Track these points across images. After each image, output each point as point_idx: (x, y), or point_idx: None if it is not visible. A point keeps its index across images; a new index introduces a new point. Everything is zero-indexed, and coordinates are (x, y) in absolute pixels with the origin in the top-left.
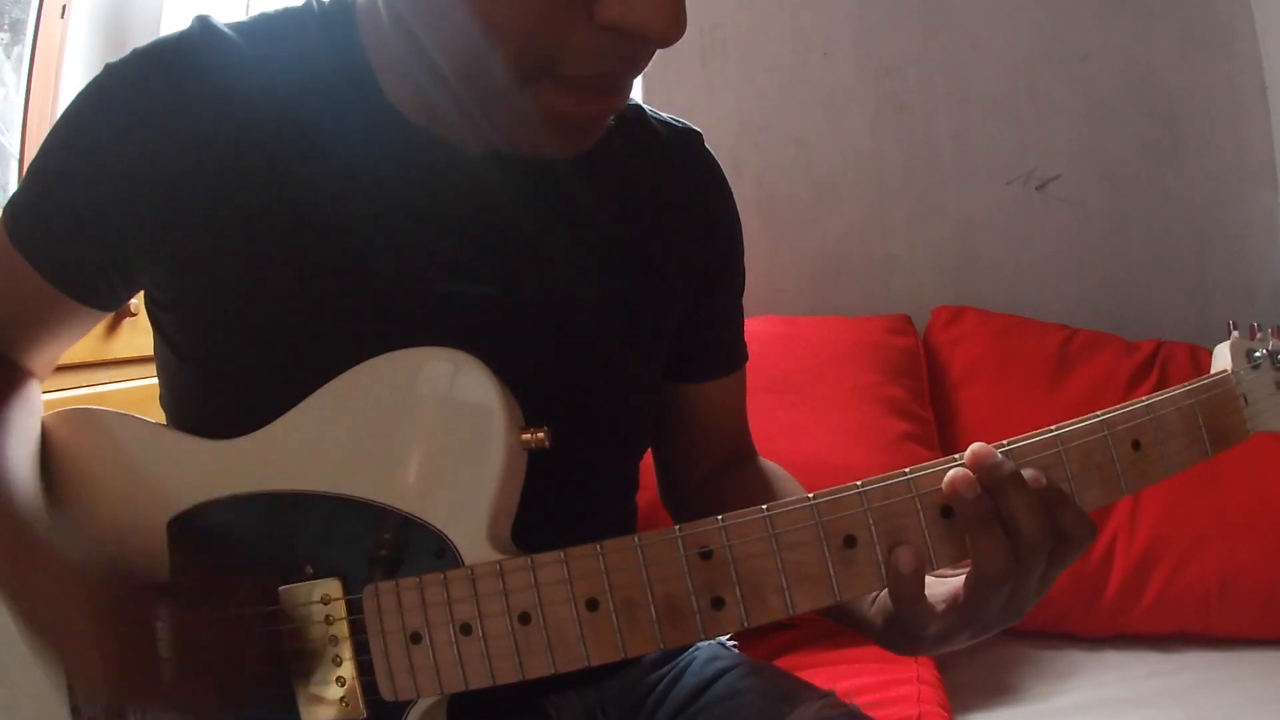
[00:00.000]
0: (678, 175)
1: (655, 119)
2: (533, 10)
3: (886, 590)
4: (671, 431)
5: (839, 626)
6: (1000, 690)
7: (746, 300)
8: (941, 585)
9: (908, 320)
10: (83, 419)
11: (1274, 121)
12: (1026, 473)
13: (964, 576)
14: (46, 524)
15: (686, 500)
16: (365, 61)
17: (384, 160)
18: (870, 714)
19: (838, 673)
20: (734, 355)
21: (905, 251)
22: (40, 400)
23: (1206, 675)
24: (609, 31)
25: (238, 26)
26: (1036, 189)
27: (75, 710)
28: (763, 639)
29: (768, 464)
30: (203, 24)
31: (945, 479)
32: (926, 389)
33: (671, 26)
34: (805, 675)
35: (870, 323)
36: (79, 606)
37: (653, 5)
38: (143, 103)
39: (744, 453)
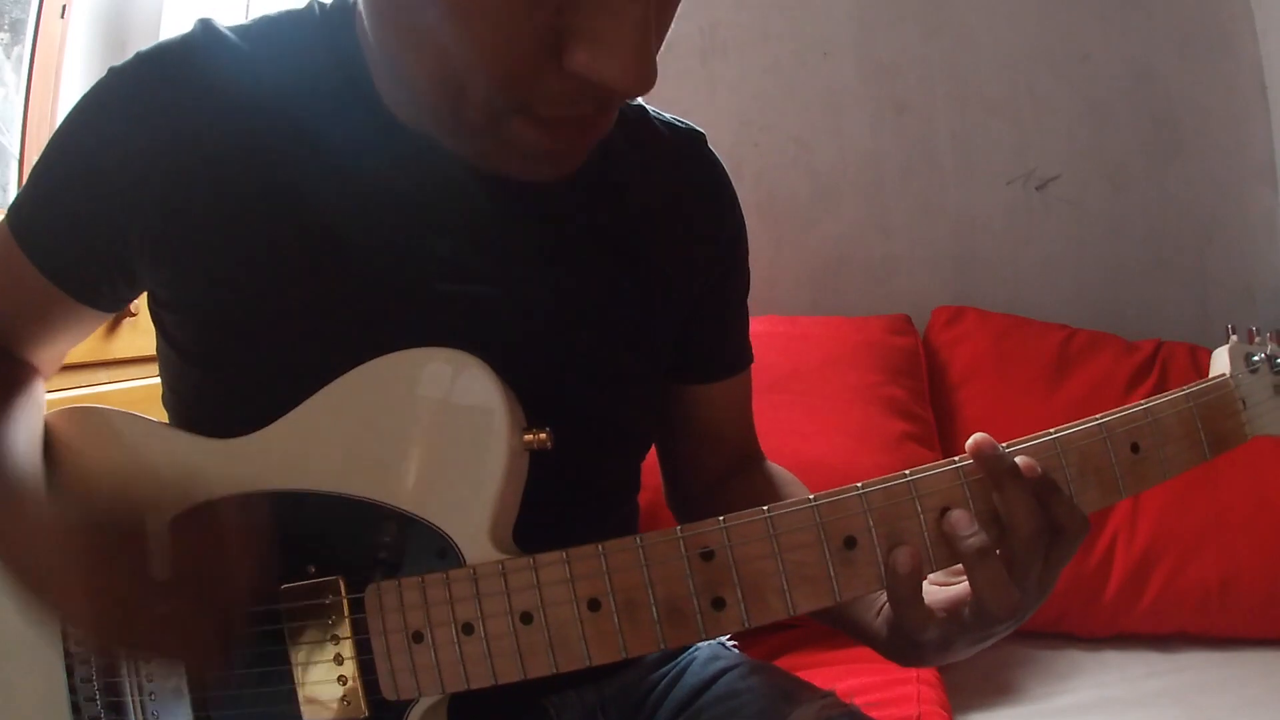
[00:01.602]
0: (681, 176)
1: (658, 120)
2: (503, 55)
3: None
4: (677, 434)
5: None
6: (1000, 690)
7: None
8: (942, 592)
9: (908, 320)
10: (85, 417)
11: (1274, 121)
12: (1021, 460)
13: (965, 589)
14: (40, 488)
15: (694, 506)
16: (363, 64)
17: (382, 161)
18: (870, 714)
19: (838, 673)
20: (739, 356)
21: (905, 251)
22: (44, 396)
23: (1206, 675)
24: (578, 78)
25: (239, 29)
26: (1036, 189)
27: (75, 708)
28: (763, 639)
29: (776, 469)
30: (205, 27)
31: (946, 520)
32: (926, 389)
33: (637, 82)
34: (805, 675)
35: (870, 323)
36: (68, 547)
37: (621, 59)
38: (144, 105)
39: (751, 456)
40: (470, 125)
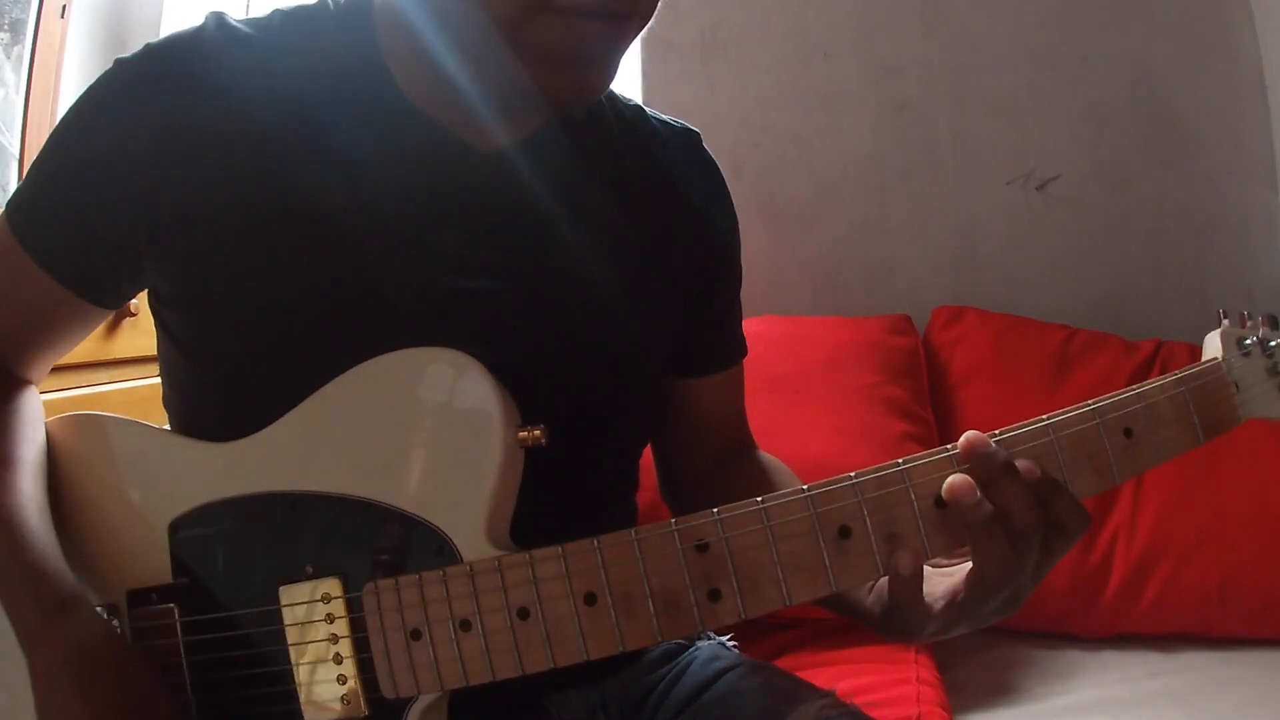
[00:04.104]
0: (677, 174)
1: (655, 119)
2: None
3: (883, 581)
4: (671, 426)
5: (839, 627)
6: (1000, 690)
7: (746, 300)
8: (940, 583)
9: (908, 320)
10: (84, 424)
11: (1274, 121)
12: (1020, 463)
13: (962, 573)
14: (61, 570)
15: (686, 494)
16: (379, 54)
17: (393, 154)
18: (870, 714)
19: (838, 673)
20: (733, 350)
21: (905, 251)
22: (41, 409)
23: (1206, 675)
24: None
25: (252, 23)
26: (1036, 189)
27: None
28: (763, 639)
29: (767, 457)
30: (217, 20)
31: (945, 484)
32: (926, 389)
33: None
34: (805, 675)
35: (870, 323)
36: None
37: None
38: (151, 98)
39: (743, 446)
40: (497, 31)
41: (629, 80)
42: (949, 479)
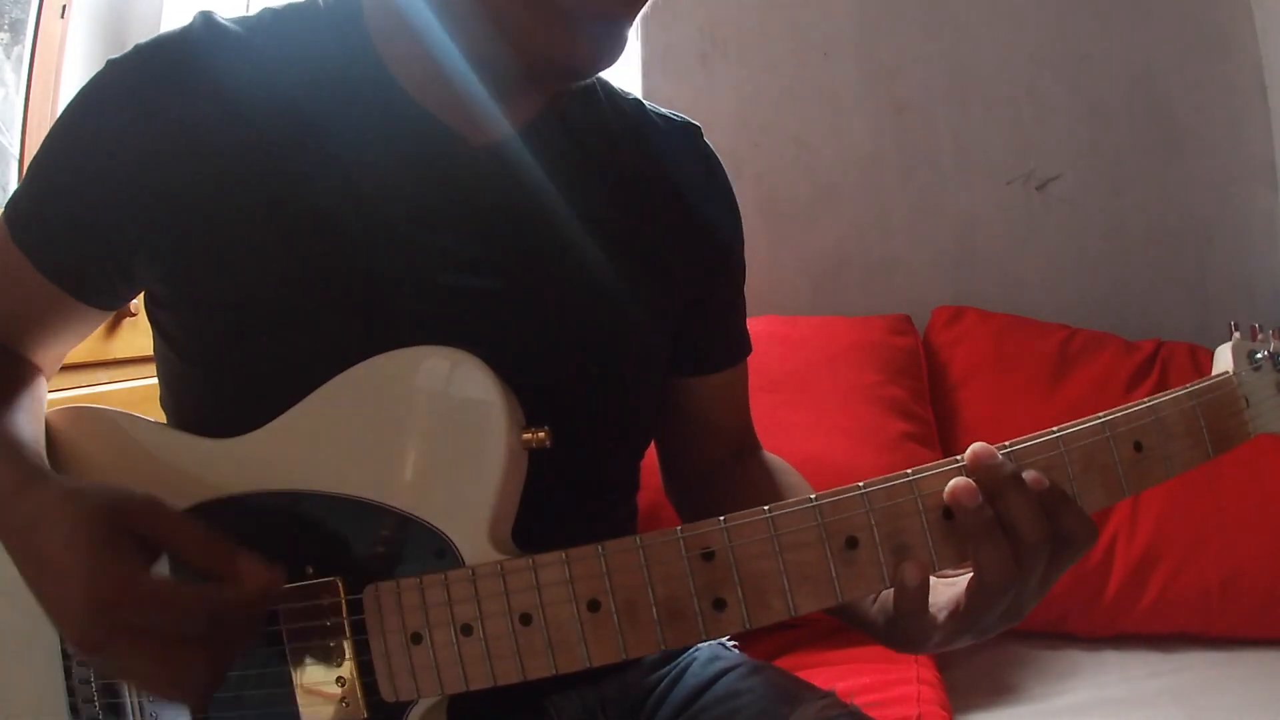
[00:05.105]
0: (678, 168)
1: (655, 113)
2: None
3: (887, 592)
4: (674, 425)
5: (839, 627)
6: (1000, 690)
7: (746, 300)
8: (944, 593)
9: (908, 320)
10: (84, 417)
11: (1274, 121)
12: (1028, 474)
13: (965, 582)
14: (49, 474)
15: (691, 495)
16: (372, 48)
17: (388, 150)
18: (870, 714)
19: (838, 673)
20: (737, 347)
21: (905, 251)
22: (45, 394)
23: (1206, 675)
24: None
25: (241, 21)
26: (1036, 189)
27: (73, 709)
28: (763, 639)
29: (771, 457)
30: (205, 19)
31: (947, 487)
32: (926, 389)
33: None
34: (805, 675)
35: (870, 323)
36: (70, 536)
37: None
38: (143, 98)
39: (748, 445)
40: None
41: (629, 80)
42: (951, 482)
